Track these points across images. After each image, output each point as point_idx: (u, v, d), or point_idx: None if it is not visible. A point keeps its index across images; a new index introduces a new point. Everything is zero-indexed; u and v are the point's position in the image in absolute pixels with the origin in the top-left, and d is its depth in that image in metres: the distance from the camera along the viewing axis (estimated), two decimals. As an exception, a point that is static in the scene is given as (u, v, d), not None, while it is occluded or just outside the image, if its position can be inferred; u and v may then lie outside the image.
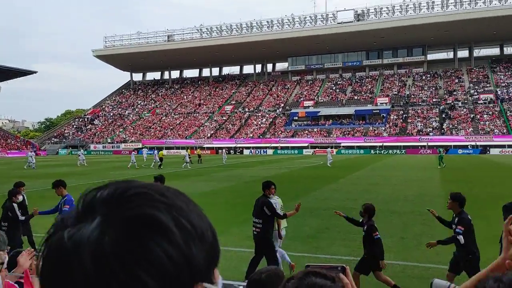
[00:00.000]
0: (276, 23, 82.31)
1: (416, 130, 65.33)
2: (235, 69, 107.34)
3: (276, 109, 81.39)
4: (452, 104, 69.31)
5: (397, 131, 66.39)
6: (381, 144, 63.97)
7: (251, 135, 74.61)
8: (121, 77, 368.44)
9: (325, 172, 30.05)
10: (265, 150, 69.83)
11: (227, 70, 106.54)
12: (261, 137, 73.41)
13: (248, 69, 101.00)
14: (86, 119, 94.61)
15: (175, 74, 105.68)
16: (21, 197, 8.47)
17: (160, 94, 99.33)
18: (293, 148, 68.45)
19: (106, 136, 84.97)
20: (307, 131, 72.45)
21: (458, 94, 72.08)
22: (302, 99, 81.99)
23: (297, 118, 76.30)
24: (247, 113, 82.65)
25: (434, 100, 71.81)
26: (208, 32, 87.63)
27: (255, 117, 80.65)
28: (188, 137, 78.17)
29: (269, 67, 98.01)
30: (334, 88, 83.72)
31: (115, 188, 0.61)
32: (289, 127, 74.68)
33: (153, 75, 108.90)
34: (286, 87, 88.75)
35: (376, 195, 17.57)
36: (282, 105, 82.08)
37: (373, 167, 34.73)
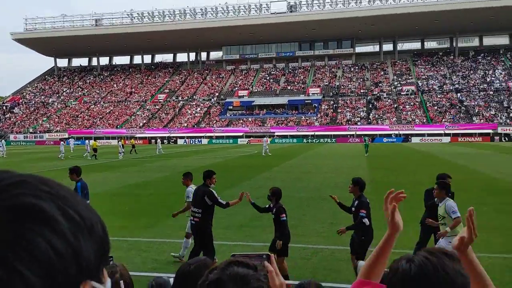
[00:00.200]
0: (210, 11, 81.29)
1: (345, 119, 68.20)
2: (168, 57, 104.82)
3: (210, 98, 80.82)
4: (378, 95, 73.15)
5: (327, 121, 68.86)
6: (313, 133, 66.04)
7: (185, 125, 73.55)
8: (44, 62, 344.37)
9: (259, 161, 30.44)
10: (199, 139, 69.24)
11: (159, 57, 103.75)
12: (195, 126, 72.61)
13: (181, 57, 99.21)
14: (4, 107, 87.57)
15: (104, 60, 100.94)
16: None
17: (88, 81, 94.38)
18: (228, 137, 68.53)
19: (27, 125, 79.35)
20: (241, 121, 72.81)
21: (383, 85, 76.17)
22: (236, 88, 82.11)
23: (231, 107, 76.37)
24: (181, 102, 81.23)
25: (361, 91, 75.30)
26: (139, 17, 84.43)
27: (189, 106, 79.53)
28: (119, 127, 75.29)
29: (203, 55, 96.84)
30: (268, 78, 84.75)
31: None
32: (224, 117, 74.57)
33: (79, 61, 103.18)
34: (220, 76, 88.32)
35: (308, 183, 18.13)
36: (216, 94, 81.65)
37: (306, 155, 35.77)
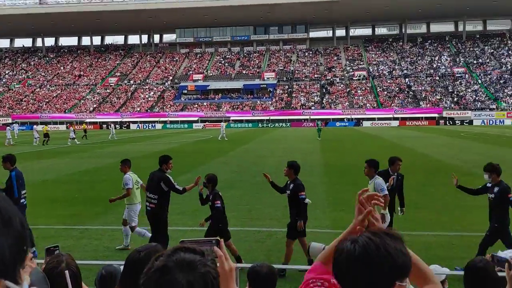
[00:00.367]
0: (162, -8, 78.83)
1: (300, 104, 69.12)
2: (119, 39, 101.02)
3: (164, 82, 79.07)
4: (331, 80, 74.57)
5: (282, 105, 69.50)
6: (268, 117, 66.46)
7: (138, 109, 71.69)
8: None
9: (215, 146, 30.32)
10: (153, 124, 67.81)
11: (110, 39, 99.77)
12: (149, 111, 70.96)
13: (133, 39, 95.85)
14: None
15: (50, 41, 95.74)
16: None
17: (32, 63, 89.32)
18: (182, 122, 67.57)
19: (-34, 110, 74.31)
20: (196, 105, 71.96)
21: (336, 70, 77.68)
22: (191, 72, 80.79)
23: (186, 91, 75.19)
24: (133, 86, 78.91)
25: (315, 76, 76.42)
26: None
27: (142, 90, 77.46)
28: (67, 111, 72.19)
29: (156, 38, 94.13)
30: (223, 62, 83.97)
31: None
32: (178, 101, 73.32)
33: (23, 42, 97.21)
34: (174, 59, 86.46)
35: (262, 167, 18.28)
36: (170, 78, 79.98)
37: (261, 140, 36.01)
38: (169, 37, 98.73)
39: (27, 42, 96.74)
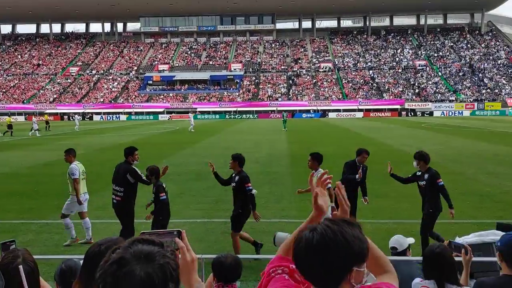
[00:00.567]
0: (126, -21, 76.58)
1: (267, 95, 69.29)
2: (80, 27, 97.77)
3: (128, 72, 77.24)
4: (297, 71, 75.10)
5: (249, 97, 69.46)
6: (235, 109, 66.30)
7: (102, 100, 69.82)
8: None
9: (181, 137, 30.01)
10: (117, 116, 66.27)
11: (70, 27, 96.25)
12: (112, 102, 69.24)
13: (95, 27, 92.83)
14: None
15: (6, 29, 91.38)
16: None
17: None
18: (148, 113, 66.39)
19: None
20: (162, 96, 70.81)
21: (302, 62, 78.27)
22: (156, 62, 79.28)
23: (151, 82, 73.80)
24: (96, 76, 76.66)
25: (282, 67, 76.73)
26: (45, -18, 77.09)
27: (106, 81, 75.40)
28: (26, 102, 69.38)
29: (120, 26, 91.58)
30: (189, 52, 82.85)
31: None
32: (143, 92, 71.90)
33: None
34: (139, 49, 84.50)
35: (229, 159, 18.26)
36: (135, 68, 78.20)
37: (228, 131, 35.93)
38: (133, 26, 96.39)
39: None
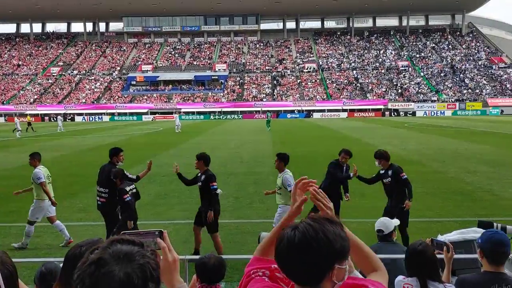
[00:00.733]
0: (108, -22, 75.70)
1: (251, 96, 69.30)
2: (61, 27, 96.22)
3: (111, 72, 76.35)
4: (282, 72, 75.32)
5: (234, 97, 69.38)
6: (220, 109, 66.13)
7: (84, 101, 68.87)
8: None
9: (165, 138, 29.81)
10: (100, 116, 65.46)
11: (51, 27, 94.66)
12: (95, 102, 68.35)
13: (77, 27, 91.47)
14: None
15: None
16: None
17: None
18: (131, 114, 65.73)
19: None
20: (146, 97, 70.20)
21: (287, 63, 78.53)
22: (140, 63, 78.56)
23: (135, 82, 73.09)
24: (77, 76, 75.57)
25: (267, 67, 76.85)
26: (25, -20, 75.67)
27: (88, 81, 74.39)
28: (5, 103, 67.96)
29: (102, 26, 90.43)
30: (173, 52, 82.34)
31: None
32: (126, 92, 71.16)
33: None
34: (122, 49, 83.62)
35: (214, 159, 18.10)
36: (118, 68, 77.35)
37: (212, 132, 35.82)
38: (116, 26, 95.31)
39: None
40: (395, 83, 70.68)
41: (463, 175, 13.54)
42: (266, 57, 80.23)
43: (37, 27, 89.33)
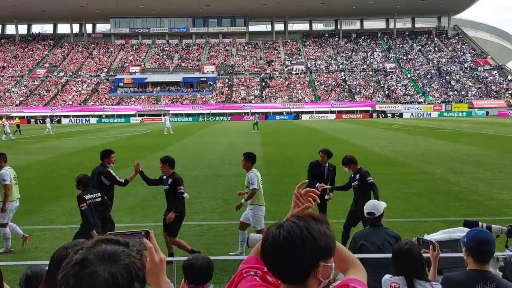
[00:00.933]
0: (95, -21, 75.09)
1: (240, 98, 69.28)
2: (47, 28, 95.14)
3: (98, 74, 75.70)
4: (270, 74, 75.46)
5: (223, 99, 69.29)
6: (208, 111, 65.97)
7: (71, 103, 68.16)
8: None
9: (153, 140, 29.62)
10: (87, 119, 64.83)
11: (37, 28, 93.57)
12: (82, 104, 67.69)
13: (63, 28, 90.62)
14: None
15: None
16: None
17: None
18: (119, 116, 65.21)
19: None
20: (134, 99, 69.74)
21: (275, 64, 78.70)
22: (127, 64, 78.04)
23: (122, 84, 72.56)
24: (64, 78, 74.76)
25: (255, 69, 76.93)
26: (11, -19, 74.72)
27: (74, 83, 73.65)
28: (-10, 105, 66.95)
29: (89, 27, 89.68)
30: (161, 54, 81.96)
31: None
32: (114, 94, 70.61)
33: None
34: (109, 51, 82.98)
35: (203, 161, 18.16)
36: (105, 70, 76.73)
37: (201, 133, 35.72)
38: (103, 27, 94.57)
39: None
40: (382, 85, 71.29)
41: (450, 176, 13.70)
42: (254, 59, 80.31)
43: (23, 28, 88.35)
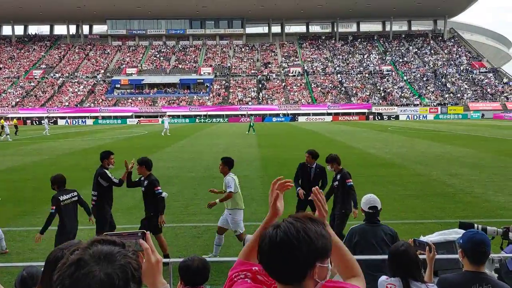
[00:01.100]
0: (92, -19, 75.00)
1: (237, 99, 69.30)
2: (44, 29, 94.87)
3: (95, 75, 75.54)
4: (267, 75, 75.54)
5: (220, 101, 69.28)
6: (205, 113, 65.94)
7: (67, 104, 67.96)
8: None
9: (150, 142, 29.58)
10: (84, 120, 64.66)
11: (34, 29, 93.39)
12: (78, 106, 67.51)
13: (60, 29, 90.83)
14: None
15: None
16: None
17: None
18: (116, 117, 65.08)
19: None
20: (130, 100, 69.62)
21: (272, 66, 78.81)
22: (124, 66, 77.92)
23: (119, 86, 72.45)
24: (60, 79, 74.56)
25: (252, 71, 76.99)
26: (7, -18, 74.53)
27: (71, 84, 73.46)
28: (-14, 106, 66.68)
29: (86, 29, 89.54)
30: (158, 56, 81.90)
31: None
32: (111, 95, 70.46)
33: None
34: (106, 52, 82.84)
35: (200, 162, 18.15)
36: (102, 71, 76.58)
37: (198, 135, 35.69)
38: (99, 28, 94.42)
39: None
40: (378, 87, 71.50)
41: (445, 178, 13.75)
42: (251, 60, 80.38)
43: (19, 29, 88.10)
